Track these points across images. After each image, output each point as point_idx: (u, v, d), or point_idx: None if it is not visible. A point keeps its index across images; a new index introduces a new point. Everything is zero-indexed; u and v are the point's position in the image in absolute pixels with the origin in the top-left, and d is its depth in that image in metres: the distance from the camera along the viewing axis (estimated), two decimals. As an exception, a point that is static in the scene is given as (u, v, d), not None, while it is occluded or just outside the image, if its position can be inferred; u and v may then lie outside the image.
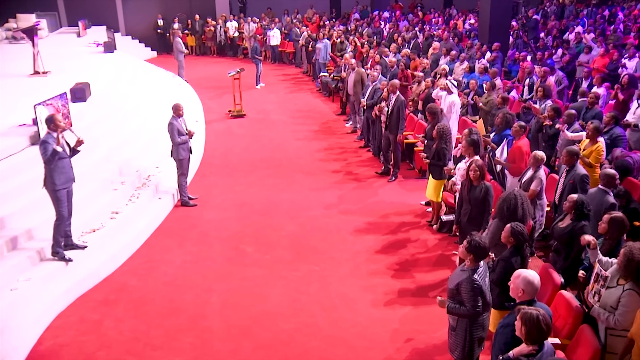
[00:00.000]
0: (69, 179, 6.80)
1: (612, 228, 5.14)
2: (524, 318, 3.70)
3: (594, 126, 7.66)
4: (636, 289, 4.45)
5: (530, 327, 3.67)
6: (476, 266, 4.62)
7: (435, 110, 8.56)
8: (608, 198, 6.27)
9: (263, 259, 7.68)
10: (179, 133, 8.68)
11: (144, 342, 6.07)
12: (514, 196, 5.64)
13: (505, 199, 5.68)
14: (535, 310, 3.70)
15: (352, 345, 5.93)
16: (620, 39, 16.18)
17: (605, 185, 6.37)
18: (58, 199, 6.74)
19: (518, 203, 5.58)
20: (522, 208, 5.59)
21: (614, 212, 5.30)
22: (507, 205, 5.60)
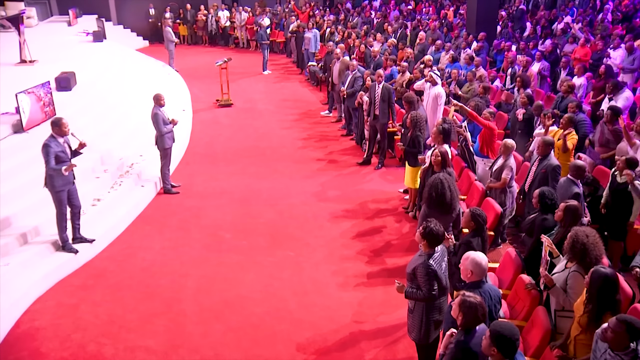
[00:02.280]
0: (67, 182, 6.96)
1: (566, 216, 5.27)
2: (463, 306, 3.80)
3: (568, 116, 7.78)
4: (580, 271, 4.60)
5: (467, 315, 3.79)
6: (432, 251, 4.75)
7: (412, 99, 8.68)
8: (573, 188, 6.37)
9: (240, 245, 7.83)
10: (163, 122, 8.80)
11: (119, 325, 6.23)
12: (440, 180, 5.79)
13: (432, 184, 5.83)
14: (475, 299, 3.80)
15: (319, 328, 6.09)
16: (608, 29, 16.25)
17: (573, 176, 6.48)
18: (58, 199, 6.97)
19: (445, 186, 5.73)
20: (450, 190, 5.73)
21: (569, 201, 5.42)
22: (435, 190, 5.76)
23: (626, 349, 3.78)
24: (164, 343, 5.93)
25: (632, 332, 3.73)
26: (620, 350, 3.79)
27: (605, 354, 3.92)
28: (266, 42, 18.05)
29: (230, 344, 5.90)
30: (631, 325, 3.73)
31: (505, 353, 3.36)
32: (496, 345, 3.35)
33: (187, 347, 5.86)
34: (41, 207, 7.54)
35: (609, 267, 4.53)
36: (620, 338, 3.75)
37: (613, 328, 3.77)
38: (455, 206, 6.00)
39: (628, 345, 3.78)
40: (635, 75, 12.17)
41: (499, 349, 3.35)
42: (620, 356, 3.80)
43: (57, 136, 6.86)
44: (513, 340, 3.35)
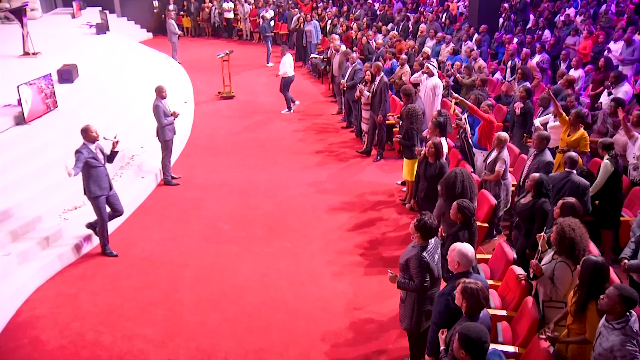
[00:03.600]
0: (103, 188, 7.07)
1: (563, 213, 5.30)
2: (465, 292, 3.86)
3: (576, 112, 7.71)
4: (567, 261, 4.67)
5: (470, 301, 3.86)
6: (426, 243, 4.81)
7: (410, 92, 8.73)
8: (578, 179, 6.37)
9: (238, 236, 7.93)
10: (164, 114, 8.88)
11: (117, 313, 6.35)
12: (454, 174, 5.85)
13: (446, 177, 5.90)
14: (475, 285, 3.88)
15: (314, 318, 6.19)
16: (611, 21, 16.18)
17: (570, 168, 6.51)
18: (97, 206, 7.12)
19: (457, 180, 5.79)
20: (463, 185, 5.79)
21: (567, 198, 5.46)
22: (447, 183, 5.83)
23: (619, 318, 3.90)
24: (161, 332, 6.05)
25: (625, 299, 3.86)
26: (614, 320, 3.92)
27: (601, 327, 4.06)
28: (270, 34, 18.10)
29: (226, 333, 6.01)
30: (624, 290, 3.89)
31: (474, 356, 3.41)
32: (464, 348, 3.40)
33: (184, 336, 5.97)
34: (42, 198, 7.66)
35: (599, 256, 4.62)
36: (612, 303, 3.89)
37: (608, 294, 3.93)
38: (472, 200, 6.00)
39: (622, 315, 3.90)
40: (634, 67, 12.16)
41: (467, 352, 3.41)
42: (613, 325, 3.93)
43: (88, 143, 6.96)
44: (481, 343, 3.39)
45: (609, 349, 3.88)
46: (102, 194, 7.08)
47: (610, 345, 3.88)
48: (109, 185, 7.19)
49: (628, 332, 3.87)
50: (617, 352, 3.83)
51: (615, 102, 7.96)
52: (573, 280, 4.71)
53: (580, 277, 4.44)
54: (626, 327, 3.87)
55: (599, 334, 4.06)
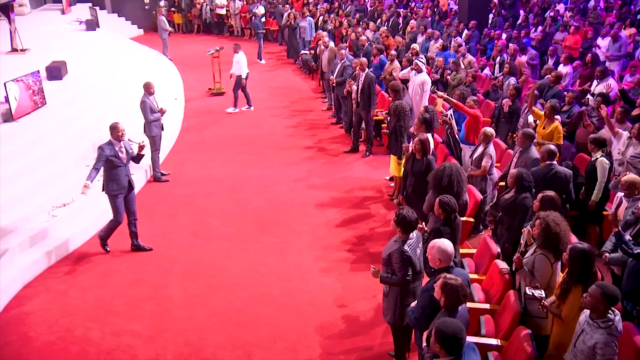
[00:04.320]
0: (121, 187, 7.07)
1: (543, 206, 5.38)
2: (445, 287, 3.93)
3: (551, 105, 7.88)
4: (547, 254, 4.76)
5: (449, 296, 3.92)
6: (407, 237, 4.88)
7: (398, 88, 8.79)
8: (561, 169, 6.46)
9: (227, 232, 7.98)
10: (151, 110, 8.92)
11: (106, 309, 6.39)
12: (443, 168, 5.93)
13: (435, 170, 5.98)
14: (455, 281, 3.94)
15: (301, 312, 6.26)
16: (600, 17, 16.30)
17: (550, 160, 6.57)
18: (114, 204, 7.13)
19: (445, 174, 5.86)
20: (450, 179, 5.86)
21: (546, 191, 5.54)
22: (435, 177, 5.90)
23: (603, 316, 3.98)
24: (149, 327, 6.09)
25: (608, 297, 3.95)
26: (598, 318, 4.00)
27: (584, 324, 4.14)
28: (261, 31, 18.10)
29: (214, 327, 6.06)
30: (607, 289, 3.97)
31: (449, 350, 3.48)
32: (439, 343, 3.48)
33: (172, 331, 6.02)
34: (30, 195, 7.67)
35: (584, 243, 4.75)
36: (595, 302, 3.96)
37: (590, 293, 4.00)
38: (460, 194, 6.10)
39: (605, 313, 3.98)
40: (621, 63, 12.28)
41: (442, 346, 3.48)
42: (598, 324, 4.00)
43: (115, 141, 6.97)
44: (457, 338, 3.45)
45: (592, 346, 3.95)
46: (119, 193, 7.08)
47: (594, 343, 3.95)
48: (129, 186, 7.16)
49: (613, 331, 3.95)
50: (600, 350, 3.91)
51: (601, 97, 8.05)
52: (552, 273, 4.80)
53: (568, 264, 4.57)
54: (612, 327, 3.95)
55: (582, 330, 4.12)
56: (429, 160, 6.65)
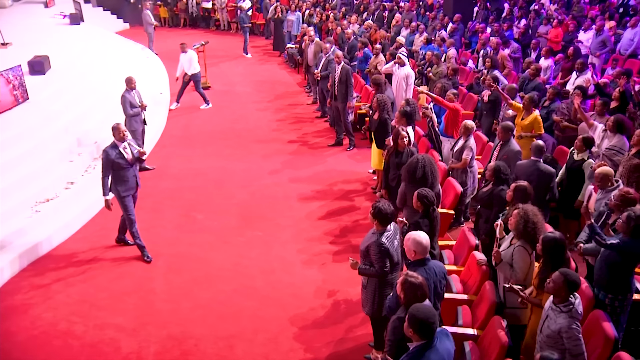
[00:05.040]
0: (129, 187, 6.99)
1: (516, 196, 5.49)
2: (404, 285, 4.00)
3: (529, 97, 7.98)
4: (525, 245, 4.86)
5: (407, 294, 3.98)
6: (384, 230, 4.97)
7: (379, 82, 8.87)
8: (545, 167, 6.53)
9: (211, 225, 8.03)
10: (131, 105, 8.94)
11: (90, 303, 6.43)
12: (417, 160, 6.01)
13: (409, 162, 6.06)
14: (416, 279, 3.99)
15: (284, 304, 6.34)
16: (584, 10, 16.44)
17: (536, 156, 6.68)
18: (124, 205, 7.02)
19: (419, 165, 5.94)
20: (424, 170, 5.94)
21: (520, 182, 5.63)
22: (409, 169, 5.98)
23: (565, 301, 4.12)
24: (133, 320, 6.14)
25: (569, 284, 4.09)
26: (560, 303, 4.14)
27: (548, 310, 4.29)
28: (247, 25, 18.08)
29: (197, 320, 6.13)
30: (568, 275, 4.12)
31: (422, 335, 3.58)
32: (412, 327, 3.57)
33: (155, 324, 6.07)
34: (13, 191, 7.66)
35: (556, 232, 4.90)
36: (557, 287, 4.12)
37: (553, 279, 4.15)
38: (434, 185, 6.18)
39: (567, 298, 4.13)
40: (603, 57, 12.41)
41: (415, 331, 3.58)
42: (560, 308, 4.15)
43: (118, 142, 6.85)
44: (429, 322, 3.55)
45: (556, 330, 4.10)
46: (128, 194, 7.00)
47: (559, 327, 4.09)
48: (136, 185, 7.10)
49: (574, 314, 4.09)
50: (564, 333, 4.05)
51: (579, 89, 8.16)
52: (531, 264, 4.91)
53: (542, 254, 4.70)
54: (572, 310, 4.10)
55: (546, 316, 4.26)
56: (411, 152, 6.73)
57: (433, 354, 3.59)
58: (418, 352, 3.60)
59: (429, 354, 3.58)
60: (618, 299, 5.01)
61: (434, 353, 3.59)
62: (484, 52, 12.15)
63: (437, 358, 3.60)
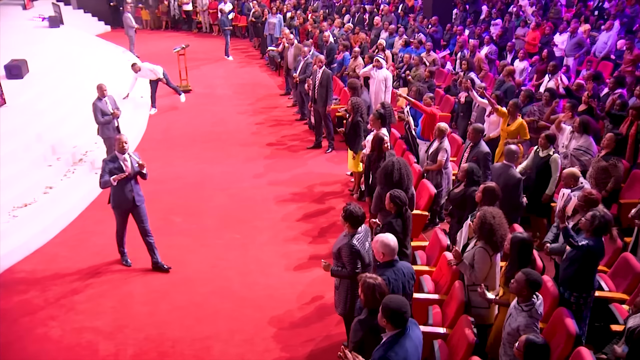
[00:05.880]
0: (123, 201, 6.79)
1: (485, 197, 5.63)
2: (363, 286, 4.12)
3: (513, 102, 8.08)
4: (486, 247, 4.99)
5: (367, 295, 4.10)
6: (355, 232, 5.08)
7: (355, 85, 8.98)
8: (514, 172, 6.64)
9: (190, 228, 8.10)
10: (102, 113, 8.88)
11: (67, 307, 6.47)
12: (392, 163, 6.13)
13: (384, 166, 6.18)
14: (374, 281, 4.10)
15: (260, 306, 6.43)
16: (560, 12, 16.71)
17: (508, 160, 6.83)
18: (116, 215, 6.94)
19: (395, 169, 6.07)
20: (400, 173, 6.07)
21: (489, 183, 5.78)
22: (385, 172, 6.11)
23: (527, 300, 4.29)
24: (110, 323, 6.20)
25: (531, 283, 4.26)
26: (523, 302, 4.31)
27: (511, 309, 4.46)
28: (228, 27, 18.13)
29: (174, 322, 6.20)
30: (530, 275, 4.29)
31: (395, 324, 3.72)
32: (385, 316, 3.70)
33: (133, 327, 6.14)
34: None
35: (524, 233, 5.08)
36: (520, 287, 4.28)
37: (516, 279, 4.32)
38: (408, 187, 6.30)
39: (529, 298, 4.30)
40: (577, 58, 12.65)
41: (388, 320, 3.71)
42: (522, 307, 4.32)
43: (118, 154, 6.75)
44: (401, 312, 3.69)
45: (516, 328, 4.27)
46: (122, 208, 6.86)
47: (517, 326, 4.27)
48: (134, 199, 6.83)
49: (533, 314, 4.26)
50: (522, 332, 4.20)
51: (549, 92, 8.35)
52: (491, 266, 5.04)
53: (510, 253, 4.89)
54: (532, 310, 4.27)
55: (510, 314, 4.41)
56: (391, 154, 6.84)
57: (407, 341, 3.75)
58: (392, 340, 3.75)
59: (403, 341, 3.74)
60: (582, 297, 5.17)
61: (407, 340, 3.75)
62: (461, 54, 12.32)
63: (411, 345, 3.76)
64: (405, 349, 3.68)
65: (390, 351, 3.65)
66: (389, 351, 3.65)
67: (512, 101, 8.12)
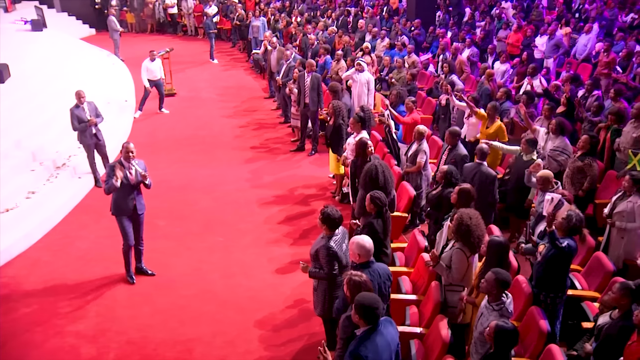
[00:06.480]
0: (124, 208, 6.71)
1: (460, 198, 5.74)
2: (349, 283, 4.23)
3: (492, 105, 8.23)
4: (463, 248, 5.10)
5: (353, 292, 4.18)
6: (332, 234, 5.17)
7: (336, 89, 9.10)
8: (488, 170, 6.79)
9: (173, 232, 8.16)
10: (78, 120, 8.84)
11: (50, 312, 6.50)
12: (374, 167, 6.23)
13: (366, 170, 6.28)
14: (359, 278, 4.21)
15: (243, 308, 6.51)
16: (542, 14, 16.92)
17: (480, 159, 6.96)
18: (119, 224, 6.80)
19: (379, 172, 6.18)
20: (384, 175, 6.18)
21: (463, 184, 5.90)
22: (370, 176, 6.21)
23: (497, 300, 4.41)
24: (93, 327, 6.25)
25: (500, 283, 4.39)
26: (493, 302, 4.43)
27: (483, 308, 4.57)
28: (213, 31, 18.15)
29: (157, 325, 6.26)
30: (499, 275, 4.41)
31: (367, 320, 3.83)
32: (358, 313, 3.81)
33: (115, 330, 6.19)
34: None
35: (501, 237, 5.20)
36: (490, 286, 4.41)
37: (486, 278, 4.46)
38: (390, 190, 6.40)
39: (499, 297, 4.42)
40: (557, 60, 12.85)
41: (360, 316, 3.81)
42: (493, 306, 4.44)
43: (125, 162, 6.70)
44: (373, 308, 3.80)
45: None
46: (123, 214, 6.75)
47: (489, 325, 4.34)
48: (135, 207, 6.77)
49: (504, 312, 4.38)
50: None
51: (526, 94, 8.50)
52: (468, 266, 5.15)
53: (486, 255, 5.00)
54: (503, 309, 4.38)
55: (481, 314, 4.52)
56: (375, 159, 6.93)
57: (378, 337, 3.85)
58: (364, 336, 3.85)
59: (375, 337, 3.84)
60: (558, 296, 5.29)
61: (379, 336, 3.86)
62: (443, 57, 12.47)
63: (383, 341, 3.86)
64: (376, 344, 3.79)
65: (361, 346, 3.77)
66: (360, 346, 3.77)
67: (490, 104, 8.25)
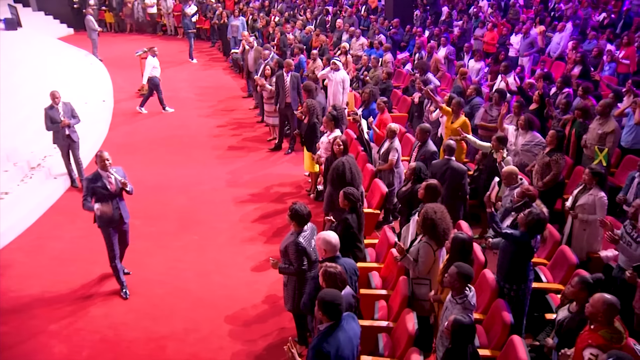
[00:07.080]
0: (109, 220, 6.49)
1: (427, 194, 5.85)
2: (325, 275, 4.34)
3: (457, 101, 8.39)
4: (429, 242, 5.22)
5: (328, 283, 4.31)
6: (301, 230, 5.26)
7: (310, 88, 9.17)
8: (457, 165, 6.96)
9: (148, 231, 8.18)
10: (51, 121, 8.82)
11: (23, 313, 6.50)
12: (342, 163, 6.33)
13: (334, 167, 6.37)
14: (334, 269, 4.34)
15: (216, 305, 6.57)
16: (519, 13, 17.15)
17: (449, 155, 7.08)
18: (104, 235, 6.61)
19: (346, 168, 6.28)
20: (351, 172, 6.28)
21: (431, 180, 6.02)
22: (337, 172, 6.30)
23: (460, 293, 4.53)
24: (66, 326, 6.28)
25: (462, 276, 4.51)
26: (457, 295, 4.55)
27: (447, 302, 4.69)
28: (192, 30, 18.13)
29: (130, 323, 6.31)
30: (461, 268, 4.54)
31: (330, 316, 3.91)
32: (321, 309, 3.90)
33: (89, 329, 6.22)
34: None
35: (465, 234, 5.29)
36: (453, 280, 4.53)
37: (449, 272, 4.57)
38: (357, 186, 6.49)
39: (462, 290, 4.53)
40: (532, 58, 13.06)
41: (323, 312, 3.90)
42: (456, 300, 4.55)
43: (101, 171, 6.43)
44: (335, 304, 3.88)
45: None
46: (109, 226, 6.55)
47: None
48: (121, 216, 6.59)
49: (467, 305, 4.49)
50: None
51: (498, 93, 8.65)
52: (435, 260, 5.27)
53: (450, 251, 5.09)
54: (465, 302, 4.49)
55: (445, 308, 4.63)
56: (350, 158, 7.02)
57: (341, 332, 3.94)
58: (327, 331, 3.94)
59: (337, 333, 3.92)
60: (520, 288, 5.41)
61: (341, 332, 3.94)
62: (419, 55, 12.60)
63: (345, 337, 3.95)
64: (338, 340, 3.87)
65: (324, 342, 3.84)
66: (322, 342, 3.84)
67: (455, 99, 8.39)
